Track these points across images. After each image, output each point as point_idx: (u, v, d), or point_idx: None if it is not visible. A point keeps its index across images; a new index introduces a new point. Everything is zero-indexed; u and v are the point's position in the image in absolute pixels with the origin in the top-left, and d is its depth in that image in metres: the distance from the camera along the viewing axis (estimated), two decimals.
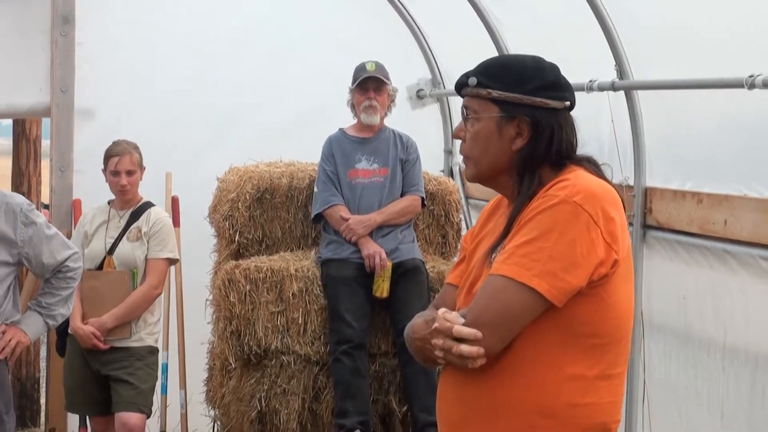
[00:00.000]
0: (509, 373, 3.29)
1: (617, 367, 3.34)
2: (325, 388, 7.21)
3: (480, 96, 3.45)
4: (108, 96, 8.29)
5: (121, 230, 7.21)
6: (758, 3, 5.10)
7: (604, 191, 3.28)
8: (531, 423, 3.27)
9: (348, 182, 7.40)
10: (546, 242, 3.20)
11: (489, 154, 3.45)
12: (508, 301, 3.21)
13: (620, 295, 3.29)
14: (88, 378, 7.16)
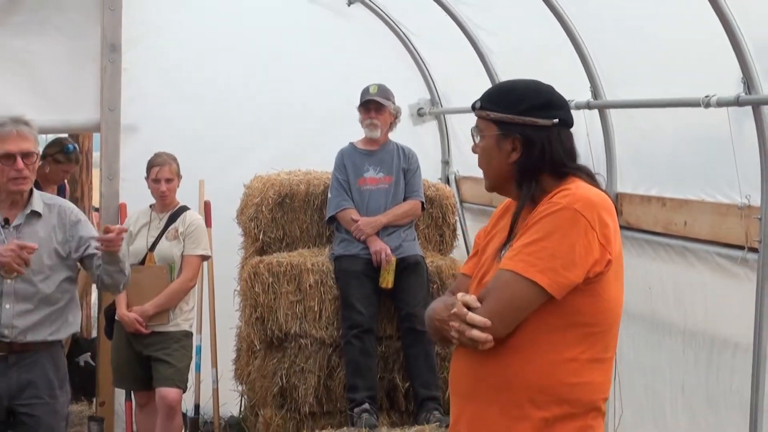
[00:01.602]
0: (513, 354, 3.31)
1: (608, 352, 3.36)
2: (337, 366, 7.20)
3: (483, 117, 3.49)
4: (149, 114, 8.23)
5: (161, 230, 7.21)
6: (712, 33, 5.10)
7: (600, 200, 3.30)
8: (531, 397, 3.29)
9: (357, 188, 7.40)
10: (549, 243, 3.23)
11: (492, 166, 3.49)
12: (514, 292, 3.25)
13: (613, 290, 3.32)
14: (132, 358, 7.16)
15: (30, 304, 5.12)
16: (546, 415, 3.28)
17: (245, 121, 8.46)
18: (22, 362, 5.13)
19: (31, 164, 5.14)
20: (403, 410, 7.27)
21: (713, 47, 5.21)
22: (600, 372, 3.34)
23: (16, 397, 5.12)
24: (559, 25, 6.52)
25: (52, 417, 5.16)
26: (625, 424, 6.35)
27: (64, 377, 5.27)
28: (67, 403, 5.31)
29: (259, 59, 8.55)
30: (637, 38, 6.16)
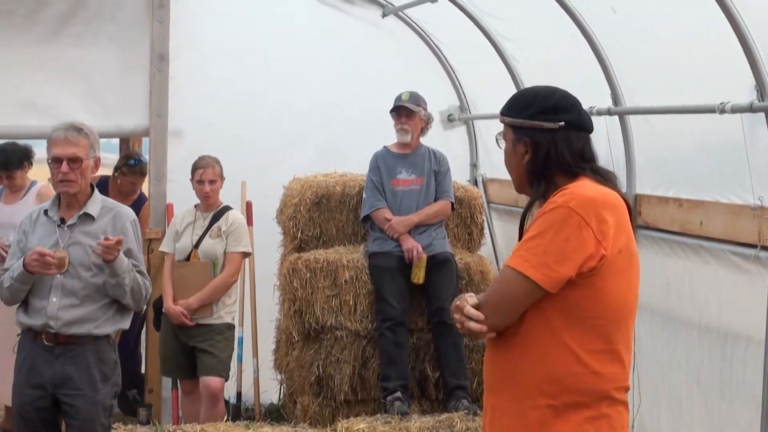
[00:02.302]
0: (521, 346, 3.33)
1: (619, 343, 3.34)
2: (371, 357, 7.22)
3: (503, 122, 3.53)
4: (194, 120, 8.26)
5: (205, 229, 7.24)
6: (726, 44, 5.11)
7: (601, 197, 3.29)
8: (539, 387, 3.30)
9: (391, 189, 7.41)
10: (543, 239, 3.25)
11: (512, 168, 3.54)
12: (510, 286, 3.30)
13: (614, 284, 3.30)
14: (178, 349, 7.20)
15: (75, 299, 5.13)
16: (555, 404, 3.29)
17: (284, 126, 8.47)
18: (67, 354, 5.15)
19: (78, 169, 5.15)
20: (434, 399, 7.27)
21: (727, 56, 5.20)
22: (608, 363, 3.32)
23: (59, 387, 5.14)
24: (582, 37, 6.52)
25: (91, 408, 5.15)
26: (643, 414, 6.34)
27: (110, 370, 5.26)
28: (110, 395, 5.28)
29: (297, 68, 8.55)
30: (655, 49, 6.16)
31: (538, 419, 3.30)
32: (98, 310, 5.19)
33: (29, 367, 5.20)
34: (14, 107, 7.89)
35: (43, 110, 7.81)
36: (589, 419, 3.30)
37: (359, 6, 8.84)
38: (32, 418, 5.20)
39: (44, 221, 5.28)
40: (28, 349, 5.22)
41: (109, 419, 5.27)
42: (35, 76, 7.98)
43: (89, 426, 5.14)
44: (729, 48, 5.10)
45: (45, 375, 5.15)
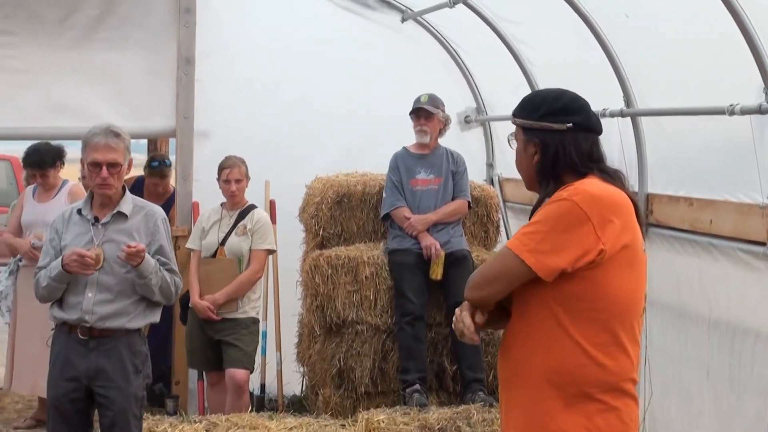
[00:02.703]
0: (531, 341, 3.37)
1: (623, 336, 3.34)
2: (391, 351, 7.23)
3: (514, 123, 3.56)
4: (220, 121, 8.30)
5: (231, 227, 7.26)
6: (735, 47, 5.11)
7: (606, 195, 3.32)
8: (549, 379, 3.32)
9: (410, 189, 7.42)
10: (543, 227, 3.29)
11: (522, 167, 3.56)
12: (504, 264, 3.35)
13: (618, 278, 3.31)
14: (204, 342, 7.23)
15: (110, 294, 5.16)
16: (563, 396, 3.31)
17: (307, 128, 8.49)
18: (101, 347, 5.18)
19: (116, 173, 5.19)
20: (451, 391, 7.28)
21: (736, 59, 5.20)
22: (614, 355, 3.32)
23: (93, 379, 5.17)
24: (596, 41, 6.53)
25: (124, 399, 5.17)
26: (654, 406, 6.33)
27: (142, 362, 5.29)
28: (143, 387, 5.31)
29: (319, 71, 8.58)
30: (667, 52, 6.16)
31: (548, 411, 3.32)
32: (131, 304, 5.22)
33: (64, 360, 5.23)
34: (47, 109, 7.95)
35: (74, 112, 7.87)
36: (598, 411, 3.31)
37: (379, 11, 8.85)
38: (67, 409, 5.24)
39: (78, 220, 5.31)
40: (63, 343, 5.25)
41: (141, 410, 5.30)
42: (67, 80, 8.04)
43: (122, 416, 5.17)
44: (738, 51, 5.11)
45: (79, 368, 5.18)
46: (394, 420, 6.09)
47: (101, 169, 5.15)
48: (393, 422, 6.05)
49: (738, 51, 5.10)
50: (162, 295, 5.27)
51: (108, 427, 5.20)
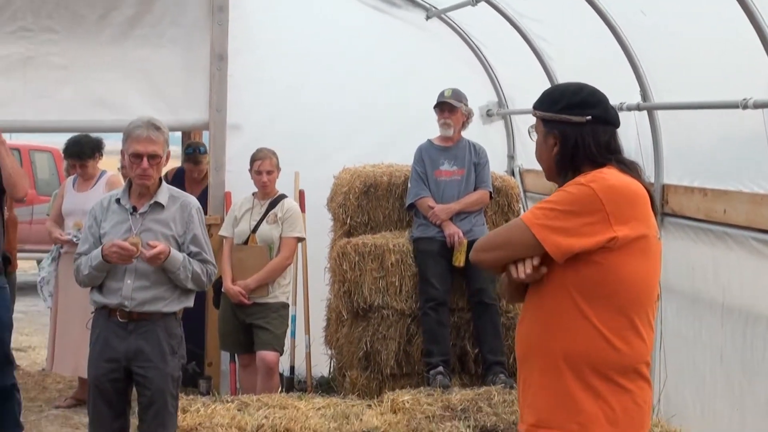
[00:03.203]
0: (549, 324, 3.36)
1: (638, 322, 3.33)
2: (415, 334, 7.23)
3: (535, 116, 3.55)
4: (251, 115, 8.32)
5: (262, 215, 7.28)
6: (748, 44, 5.10)
7: (623, 186, 3.31)
8: (566, 361, 3.31)
9: (434, 179, 7.42)
10: (557, 206, 3.28)
11: (543, 159, 3.55)
12: (515, 235, 3.35)
13: (631, 265, 3.30)
14: (236, 325, 7.26)
15: (147, 281, 5.19)
16: (580, 377, 3.30)
17: (335, 121, 8.51)
18: (139, 330, 5.21)
19: (156, 164, 5.21)
20: (473, 373, 7.28)
21: (749, 55, 5.19)
22: (629, 340, 3.31)
23: (132, 360, 5.20)
24: (613, 38, 6.53)
25: (161, 379, 5.20)
26: (669, 388, 6.34)
27: (177, 344, 5.31)
28: (179, 367, 5.33)
29: (346, 67, 8.59)
30: (682, 48, 6.15)
31: (564, 391, 3.31)
32: (166, 290, 5.24)
33: (104, 342, 5.26)
34: (87, 103, 8.01)
35: (112, 106, 7.93)
36: (613, 393, 3.30)
37: (405, 9, 8.85)
38: (106, 389, 5.27)
39: (116, 209, 5.33)
40: (103, 326, 5.29)
41: (177, 389, 5.32)
42: (105, 75, 8.09)
43: (160, 395, 5.20)
44: (751, 47, 5.09)
45: (119, 349, 5.21)
46: (419, 400, 6.10)
47: (142, 160, 5.17)
48: (417, 403, 6.06)
49: (751, 47, 5.09)
50: (194, 283, 5.30)
51: (146, 406, 5.24)
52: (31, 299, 10.76)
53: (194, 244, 5.31)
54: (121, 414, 5.33)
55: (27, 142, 15.67)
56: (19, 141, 15.60)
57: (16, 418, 6.46)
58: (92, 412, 5.37)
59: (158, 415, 5.21)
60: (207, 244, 5.41)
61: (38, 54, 7.98)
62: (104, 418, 5.30)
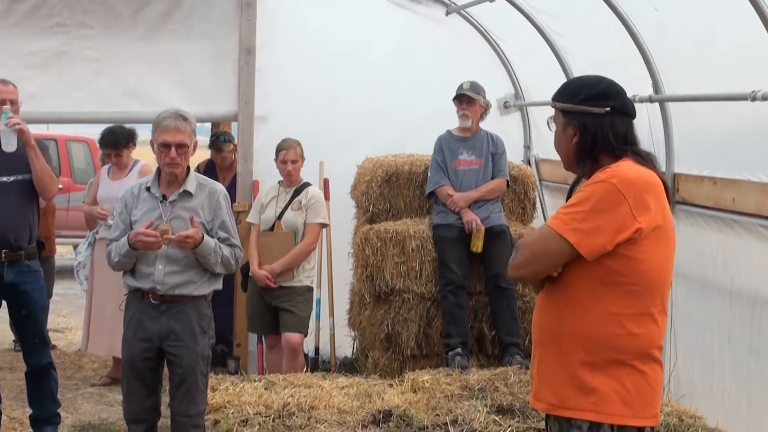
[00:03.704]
0: (568, 308, 3.36)
1: (653, 307, 3.33)
2: (435, 317, 7.24)
3: (554, 107, 3.54)
4: (278, 106, 8.31)
5: (287, 203, 7.28)
6: (757, 38, 5.07)
7: (641, 178, 3.30)
8: (583, 345, 3.32)
9: (453, 168, 7.43)
10: (583, 208, 3.26)
11: (561, 148, 3.54)
12: (548, 244, 3.32)
13: (651, 254, 3.29)
14: (262, 308, 7.27)
15: (178, 266, 5.19)
16: (596, 360, 3.31)
17: (358, 113, 8.49)
18: (171, 311, 5.22)
19: (183, 153, 5.21)
20: (490, 354, 7.29)
21: (758, 48, 5.17)
22: (644, 325, 3.32)
23: (165, 339, 5.21)
24: (626, 32, 6.50)
25: (192, 357, 5.21)
26: (679, 369, 6.33)
27: (207, 324, 5.32)
28: (208, 346, 5.34)
29: (368, 61, 8.59)
30: (692, 42, 6.13)
31: (581, 373, 3.32)
32: (196, 274, 5.25)
33: (137, 322, 5.28)
34: (121, 95, 8.03)
35: (145, 98, 7.94)
36: (628, 375, 3.31)
37: (425, 5, 8.83)
38: (140, 368, 5.29)
39: (146, 197, 5.34)
40: (136, 307, 5.30)
41: (206, 367, 5.33)
42: (138, 68, 8.11)
43: (191, 373, 5.22)
44: (759, 40, 5.06)
45: (151, 330, 5.23)
46: (438, 380, 6.11)
47: (170, 149, 5.18)
48: (437, 382, 6.07)
49: (760, 41, 5.06)
50: (224, 267, 5.30)
51: (178, 384, 5.26)
52: (68, 282, 10.82)
53: (222, 230, 5.31)
54: (154, 391, 5.35)
55: (63, 133, 15.73)
56: (56, 132, 15.66)
57: (53, 395, 6.50)
58: (126, 390, 5.40)
59: (189, 392, 5.23)
60: (234, 228, 5.41)
61: (73, 48, 8.00)
62: (137, 395, 5.33)
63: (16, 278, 6.16)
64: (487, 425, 5.08)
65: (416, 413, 5.37)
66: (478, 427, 5.04)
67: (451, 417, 5.22)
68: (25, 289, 6.21)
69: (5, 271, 6.13)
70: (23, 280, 6.20)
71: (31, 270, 6.26)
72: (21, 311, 6.28)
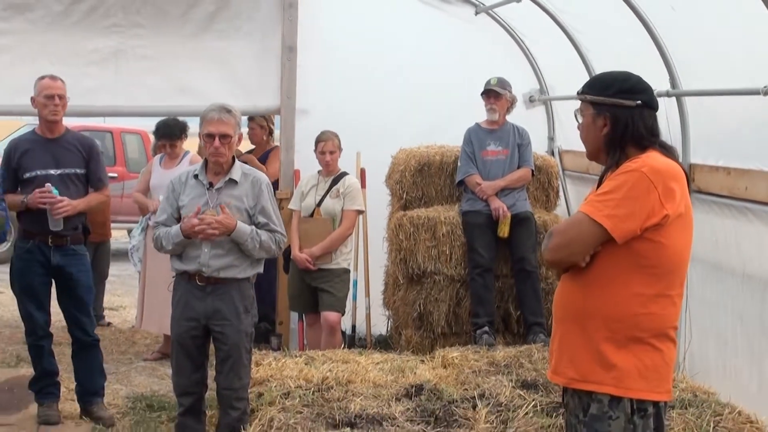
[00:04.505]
0: (593, 288, 3.35)
1: (673, 289, 3.34)
2: (464, 298, 7.26)
3: (582, 100, 3.52)
4: (318, 101, 8.32)
5: (326, 191, 7.29)
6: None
7: (667, 168, 3.30)
8: (606, 324, 3.32)
9: (481, 159, 7.42)
10: (616, 195, 3.26)
11: (589, 140, 3.52)
12: (582, 229, 3.30)
13: (675, 239, 3.30)
14: (303, 288, 7.28)
15: (222, 250, 5.22)
16: (617, 337, 3.31)
17: (392, 107, 8.48)
18: (216, 292, 5.25)
19: (227, 144, 5.23)
20: (515, 333, 7.30)
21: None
22: (664, 305, 3.32)
23: (210, 318, 5.25)
24: (644, 30, 6.47)
25: (237, 335, 5.25)
26: (693, 348, 6.29)
27: (250, 304, 5.34)
28: (251, 324, 5.37)
29: (402, 58, 8.58)
30: (708, 40, 6.09)
31: (602, 349, 3.32)
32: (239, 258, 5.27)
33: (185, 303, 5.33)
34: (171, 90, 8.08)
35: (194, 93, 7.97)
36: (646, 352, 3.31)
37: (456, 6, 8.81)
38: (187, 344, 5.35)
39: (194, 184, 5.37)
40: (183, 288, 5.35)
41: (250, 344, 5.37)
42: (188, 65, 8.16)
43: (235, 350, 5.26)
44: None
45: (198, 309, 5.28)
46: (466, 357, 6.11)
47: (214, 139, 5.22)
48: (465, 358, 6.07)
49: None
50: (264, 251, 5.30)
51: (223, 359, 5.30)
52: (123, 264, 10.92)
53: (262, 215, 5.32)
54: (200, 366, 5.40)
55: (118, 126, 15.85)
56: (112, 124, 15.78)
57: (101, 368, 6.57)
58: (175, 365, 5.47)
59: (233, 367, 5.28)
60: (275, 214, 5.41)
61: (128, 47, 8.06)
62: (186, 371, 5.39)
63: (62, 261, 6.25)
64: (512, 399, 5.08)
65: (446, 387, 5.38)
66: (503, 401, 5.04)
67: (478, 391, 5.23)
68: (71, 271, 6.29)
69: (52, 255, 6.22)
70: (69, 262, 6.28)
71: (77, 254, 6.33)
72: (67, 291, 6.36)
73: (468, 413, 4.83)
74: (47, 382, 6.45)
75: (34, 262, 6.23)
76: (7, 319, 9.54)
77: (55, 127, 6.27)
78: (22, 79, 6.77)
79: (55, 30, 7.95)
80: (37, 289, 6.28)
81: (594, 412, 3.35)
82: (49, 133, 6.28)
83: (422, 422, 4.72)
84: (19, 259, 6.28)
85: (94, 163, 6.36)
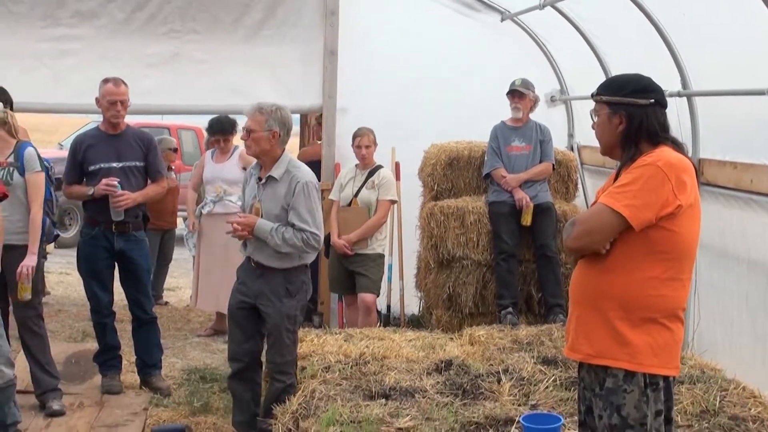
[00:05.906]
0: (609, 272, 3.34)
1: (682, 273, 3.34)
2: (489, 281, 7.25)
3: (598, 101, 3.51)
4: (356, 100, 8.33)
5: (362, 182, 7.30)
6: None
7: (680, 162, 3.29)
8: (620, 305, 3.31)
9: (506, 153, 7.40)
10: (633, 186, 3.25)
11: (604, 137, 3.51)
12: (602, 218, 3.30)
13: (686, 227, 3.30)
14: (342, 272, 7.30)
15: (261, 243, 5.24)
16: (632, 317, 3.30)
17: (424, 105, 8.48)
18: (264, 276, 5.29)
19: (253, 138, 5.16)
20: (537, 313, 7.28)
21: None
22: (675, 288, 3.32)
23: (258, 298, 5.29)
24: (657, 35, 6.42)
25: (278, 315, 5.23)
26: (702, 328, 6.26)
27: (296, 289, 5.29)
28: (296, 307, 5.29)
29: (434, 60, 8.57)
30: (717, 44, 6.03)
31: (617, 328, 3.31)
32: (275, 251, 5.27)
33: (242, 281, 5.41)
34: (225, 91, 8.14)
35: (243, 93, 8.01)
36: (659, 331, 3.31)
37: (483, 13, 8.79)
38: (236, 315, 5.41)
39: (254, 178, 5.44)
40: (244, 269, 5.43)
41: (293, 326, 5.30)
42: (238, 67, 8.22)
43: (276, 329, 5.26)
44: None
45: (251, 288, 5.33)
46: (492, 335, 6.10)
47: (246, 133, 5.26)
48: (491, 337, 6.06)
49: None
50: (290, 248, 5.19)
51: (267, 336, 5.34)
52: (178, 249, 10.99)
53: (293, 214, 5.20)
54: (251, 337, 5.40)
55: (175, 122, 15.95)
56: (169, 121, 15.88)
57: (158, 343, 6.65)
58: (229, 332, 5.57)
59: (275, 343, 5.29)
60: (310, 213, 5.19)
61: (184, 51, 8.14)
62: (236, 338, 5.45)
63: (124, 246, 6.34)
64: (533, 374, 5.08)
65: (473, 363, 5.38)
66: (526, 376, 5.04)
67: (502, 366, 5.22)
68: (132, 255, 6.38)
69: (115, 241, 6.29)
70: (130, 247, 6.36)
71: (137, 239, 6.41)
72: (128, 274, 6.45)
73: (493, 386, 4.84)
74: (110, 356, 6.54)
75: (99, 247, 6.31)
76: (74, 298, 9.66)
77: (117, 125, 6.35)
78: (88, 81, 6.85)
79: (118, 36, 8.03)
80: (102, 272, 6.36)
81: (610, 386, 3.34)
82: (111, 129, 6.37)
83: (451, 395, 4.72)
84: (85, 244, 6.36)
85: (152, 156, 6.43)
